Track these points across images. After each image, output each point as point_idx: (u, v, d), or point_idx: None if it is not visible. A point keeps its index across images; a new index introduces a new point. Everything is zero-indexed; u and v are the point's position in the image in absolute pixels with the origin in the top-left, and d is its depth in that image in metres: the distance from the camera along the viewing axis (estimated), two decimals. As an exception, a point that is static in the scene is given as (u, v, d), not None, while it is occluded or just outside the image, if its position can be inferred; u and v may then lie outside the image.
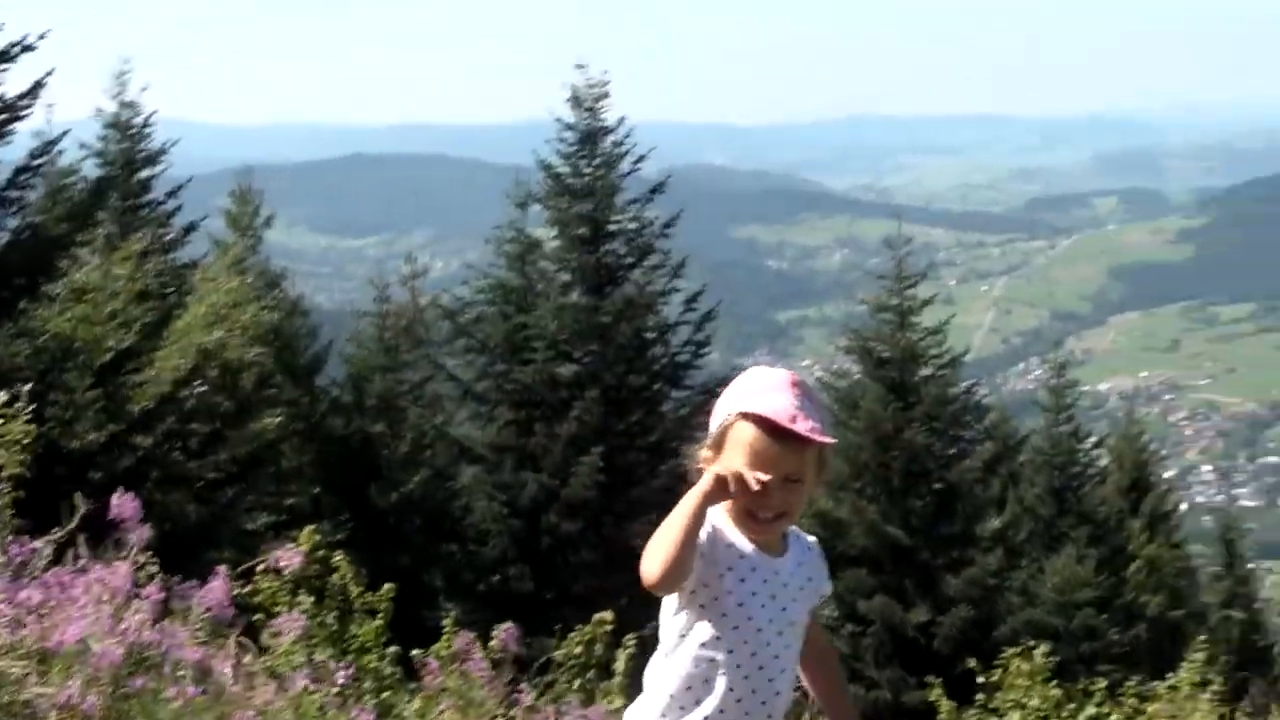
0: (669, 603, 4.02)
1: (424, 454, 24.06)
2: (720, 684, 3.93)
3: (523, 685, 7.09)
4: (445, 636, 8.85)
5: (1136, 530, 32.58)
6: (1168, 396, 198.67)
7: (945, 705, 11.12)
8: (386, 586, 9.29)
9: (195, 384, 19.20)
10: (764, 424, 3.78)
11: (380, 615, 9.09)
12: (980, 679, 11.74)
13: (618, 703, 8.23)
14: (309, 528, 10.09)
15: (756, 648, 3.91)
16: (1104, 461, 34.61)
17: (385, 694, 7.51)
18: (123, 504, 5.19)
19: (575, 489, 21.42)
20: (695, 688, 3.96)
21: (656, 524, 13.04)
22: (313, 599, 8.23)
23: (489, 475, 22.68)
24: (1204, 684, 10.17)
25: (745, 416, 3.83)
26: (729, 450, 3.86)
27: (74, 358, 16.77)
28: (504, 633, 7.10)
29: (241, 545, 17.48)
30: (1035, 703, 10.76)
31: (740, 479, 3.76)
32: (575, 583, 21.88)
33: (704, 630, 3.94)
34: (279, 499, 20.67)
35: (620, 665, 9.39)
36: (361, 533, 21.25)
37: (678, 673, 3.98)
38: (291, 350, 25.46)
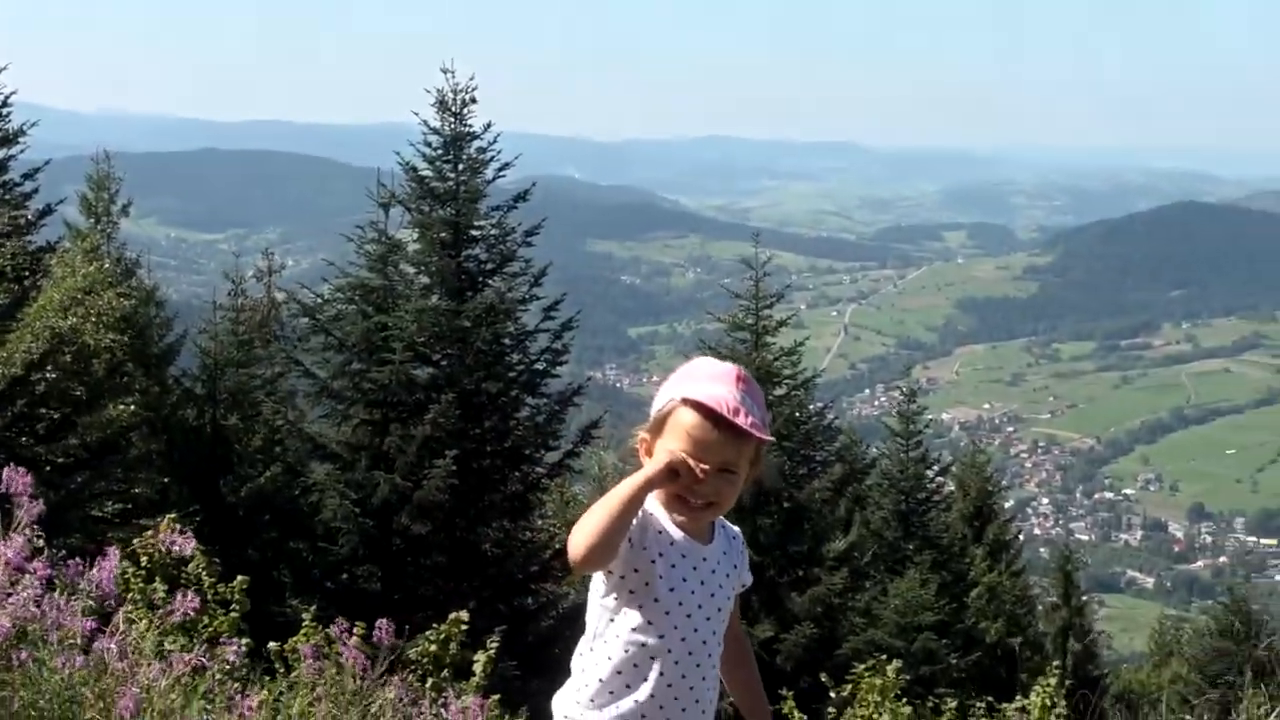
0: (596, 586, 4.06)
1: (276, 449, 23.86)
2: (653, 669, 3.98)
3: (394, 679, 7.09)
4: (304, 631, 8.85)
5: (978, 557, 33.09)
6: (1010, 429, 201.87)
7: (798, 717, 11.23)
8: (240, 578, 9.27)
9: (47, 368, 18.97)
10: (707, 412, 3.84)
11: (236, 607, 9.08)
12: (832, 693, 11.90)
13: (477, 701, 8.26)
14: (168, 516, 10.05)
15: (686, 633, 3.97)
16: (949, 489, 35.11)
17: (266, 680, 7.51)
18: (13, 478, 5.16)
19: (428, 491, 21.34)
20: (626, 673, 4.00)
21: (508, 530, 13.23)
22: (166, 588, 8.19)
23: (342, 473, 22.53)
24: (1051, 706, 10.38)
25: (688, 403, 3.88)
26: (669, 434, 3.91)
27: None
28: (379, 628, 7.10)
29: (89, 532, 17.31)
30: (887, 719, 10.91)
31: (688, 467, 3.83)
32: (424, 585, 21.82)
33: (634, 616, 3.99)
34: (128, 487, 20.44)
35: (479, 666, 9.42)
36: (210, 525, 21.04)
37: (608, 657, 4.02)
38: (144, 339, 25.14)
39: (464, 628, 9.79)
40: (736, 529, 4.24)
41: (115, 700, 5.10)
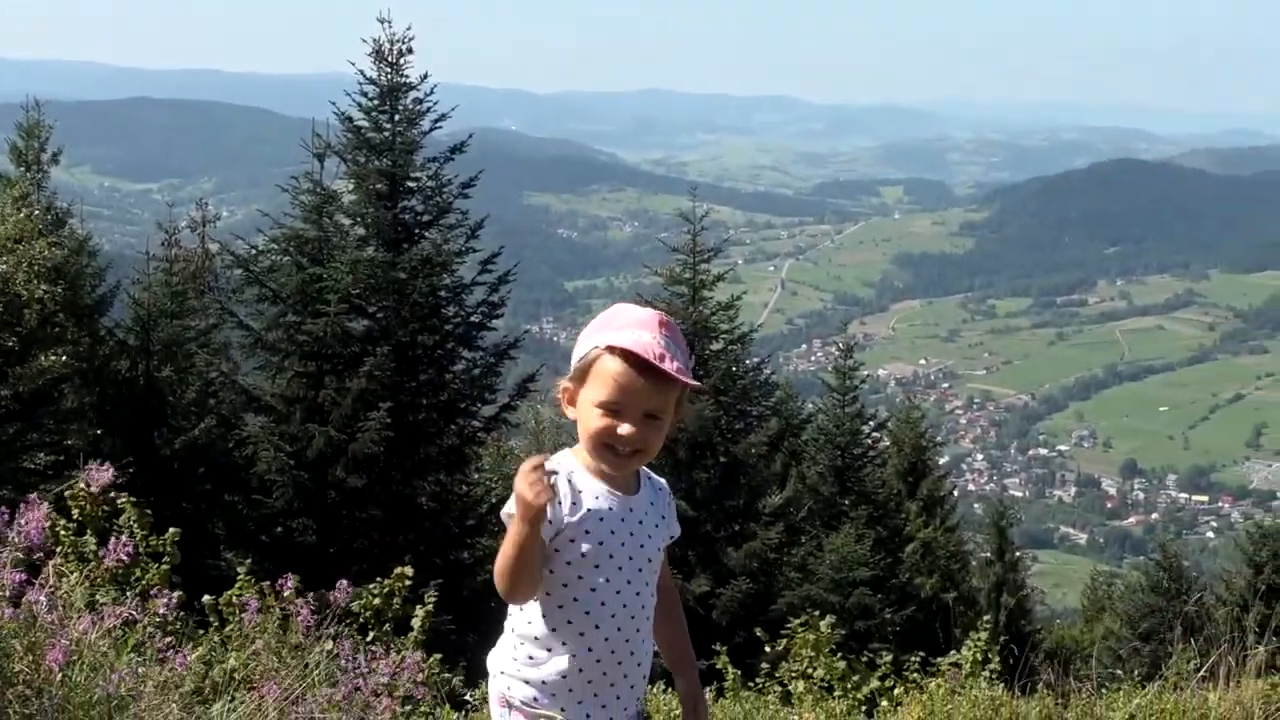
0: None
1: (210, 401, 23.69)
2: (587, 624, 3.95)
3: (335, 632, 7.04)
4: (239, 585, 8.76)
5: (913, 513, 33.28)
6: (945, 385, 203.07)
7: (732, 673, 11.23)
8: (172, 530, 9.17)
9: (-23, 318, 18.77)
10: (631, 359, 3.80)
11: (167, 559, 8.98)
12: (767, 648, 11.91)
13: (419, 656, 8.22)
14: (97, 463, 9.94)
15: (620, 585, 3.95)
16: (884, 444, 35.24)
17: (200, 633, 7.45)
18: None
19: (363, 444, 21.25)
20: (560, 629, 3.96)
21: (444, 483, 13.19)
22: (97, 541, 8.10)
23: (276, 426, 22.40)
24: (984, 661, 10.41)
25: (612, 350, 3.84)
26: (592, 382, 3.88)
27: None
28: (338, 589, 7.05)
29: (20, 484, 17.14)
30: (820, 673, 10.91)
31: (537, 485, 3.68)
32: (360, 538, 21.75)
33: (565, 571, 3.94)
34: (60, 439, 20.25)
35: (418, 621, 9.38)
36: (144, 477, 20.89)
37: (542, 614, 3.98)
38: (76, 290, 24.89)
39: (408, 582, 9.75)
40: (663, 481, 4.21)
41: (45, 652, 5.04)
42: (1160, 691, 9.05)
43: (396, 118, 23.77)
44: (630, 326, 3.87)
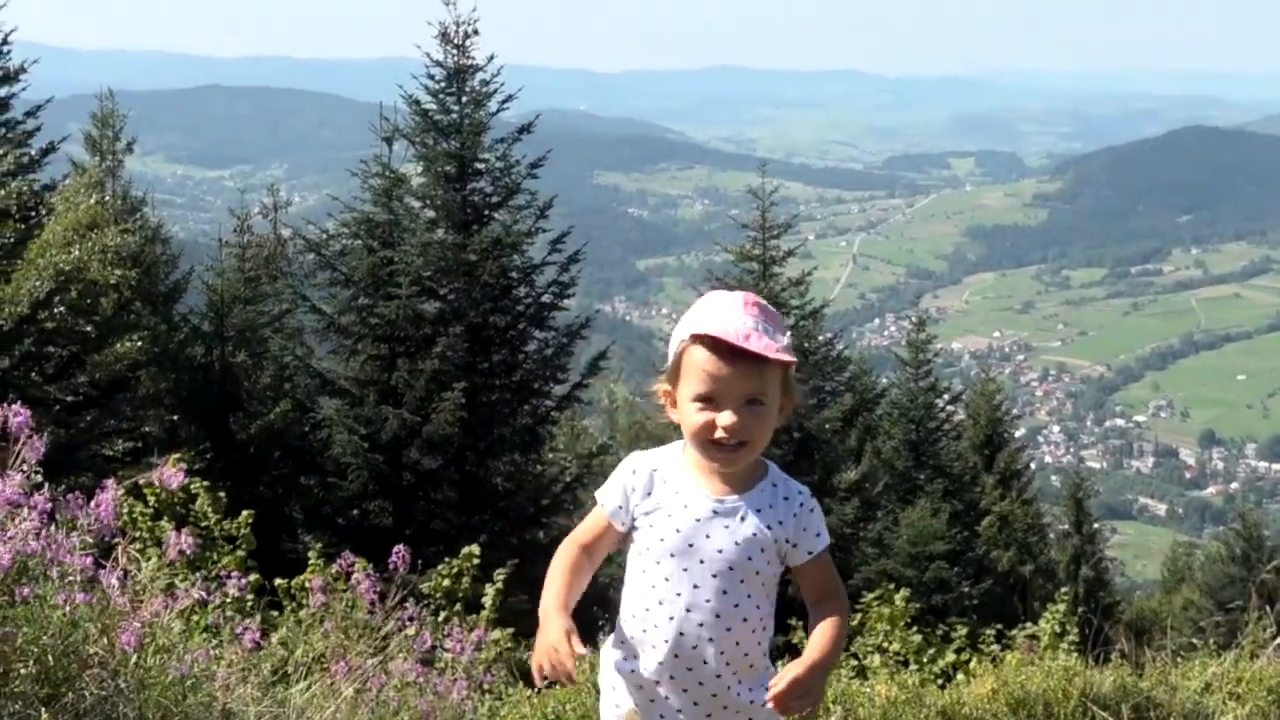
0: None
1: (285, 385, 23.87)
2: (647, 619, 3.87)
3: (409, 609, 7.07)
4: (311, 568, 8.81)
5: (989, 486, 33.07)
6: (1020, 357, 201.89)
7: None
8: (245, 513, 9.24)
9: (54, 306, 18.94)
10: (716, 344, 3.68)
11: (241, 543, 9.05)
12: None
13: (494, 634, 8.27)
14: (174, 454, 10.03)
15: (682, 588, 3.80)
16: (959, 418, 35.06)
17: (274, 615, 7.51)
18: (16, 416, 5.12)
19: (437, 425, 21.34)
20: (630, 626, 3.91)
21: (518, 464, 13.28)
22: (174, 526, 8.15)
23: (351, 409, 22.51)
24: (1062, 634, 10.35)
25: (697, 339, 3.73)
26: (685, 378, 3.77)
27: (-71, 276, 16.39)
28: (395, 554, 7.07)
29: (99, 470, 17.29)
30: (896, 647, 10.89)
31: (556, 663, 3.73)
32: (435, 519, 21.84)
33: (637, 567, 3.90)
34: (137, 425, 20.46)
35: (489, 600, 9.41)
36: (221, 462, 21.09)
37: (626, 607, 3.95)
38: (151, 277, 25.14)
39: (475, 562, 9.78)
40: (805, 492, 3.97)
41: (118, 634, 5.08)
42: (1236, 660, 8.98)
43: (464, 100, 23.83)
44: (715, 312, 3.74)
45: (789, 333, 3.83)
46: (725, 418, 3.70)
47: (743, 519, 3.82)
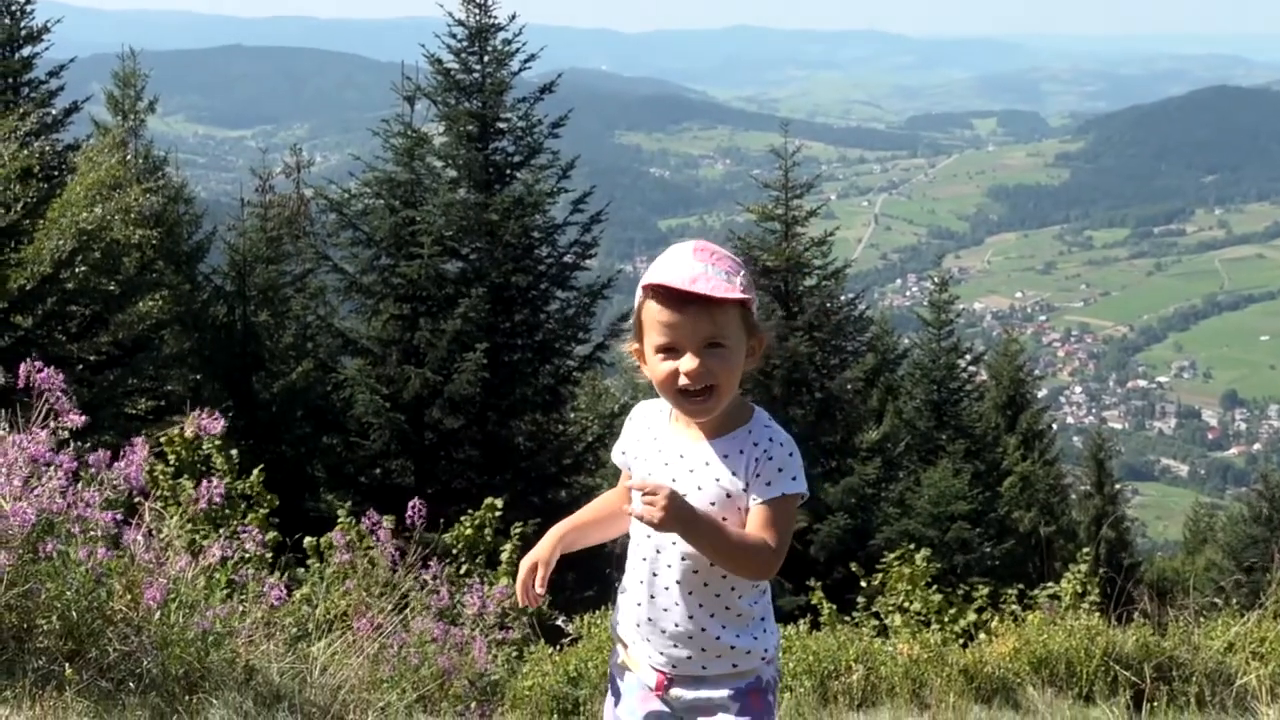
0: None
1: (307, 345, 23.91)
2: (631, 568, 3.91)
3: (431, 564, 7.09)
4: (341, 525, 8.85)
5: (1011, 446, 32.99)
6: (1042, 318, 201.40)
7: (827, 608, 11.22)
8: (256, 472, 9.26)
9: (76, 265, 18.98)
10: (665, 293, 3.66)
11: (259, 501, 9.07)
12: (863, 583, 11.88)
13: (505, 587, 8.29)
14: (193, 413, 10.05)
15: (650, 530, 3.74)
16: (981, 378, 34.97)
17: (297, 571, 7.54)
18: (41, 375, 5.14)
19: (459, 385, 21.36)
20: (627, 574, 3.95)
21: (540, 423, 13.26)
22: (194, 484, 8.18)
23: (373, 368, 22.55)
24: (1083, 594, 10.34)
25: (648, 291, 3.71)
26: (646, 332, 3.75)
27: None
28: (411, 508, 7.07)
29: (121, 429, 17.34)
30: (917, 607, 10.89)
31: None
32: (457, 478, 21.89)
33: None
34: (159, 384, 20.51)
35: (506, 555, 9.44)
36: (243, 421, 21.13)
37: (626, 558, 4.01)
38: (173, 236, 25.18)
39: (498, 514, 9.81)
40: (777, 440, 3.83)
41: (143, 590, 5.10)
42: (1259, 620, 8.97)
43: (485, 59, 23.82)
44: (665, 262, 3.72)
45: (742, 273, 3.73)
46: (686, 362, 3.66)
47: (707, 464, 3.77)
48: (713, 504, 3.73)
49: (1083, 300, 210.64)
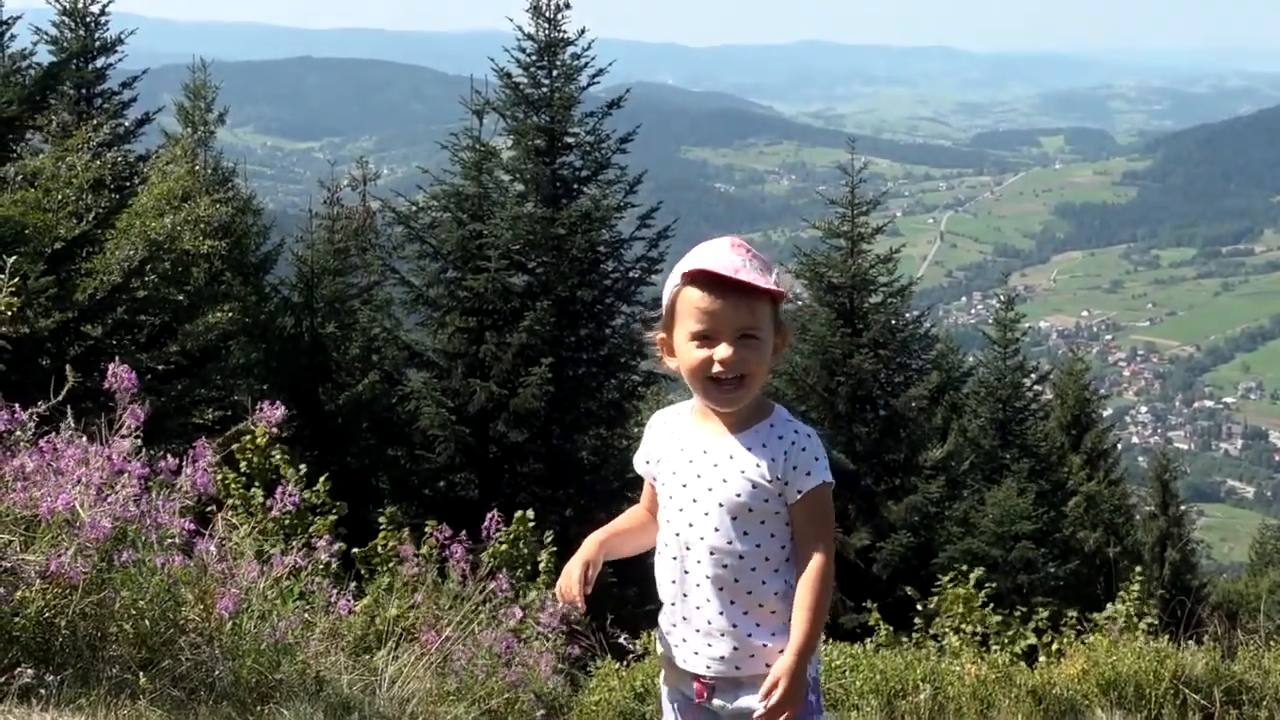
0: None
1: (373, 357, 24.01)
2: (659, 564, 4.02)
3: (500, 578, 7.11)
4: (383, 535, 8.90)
5: (1076, 466, 32.79)
6: (1108, 337, 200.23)
7: (884, 628, 11.20)
8: (323, 480, 9.31)
9: (146, 274, 19.11)
10: (707, 279, 3.76)
11: (334, 510, 9.11)
12: (919, 605, 11.84)
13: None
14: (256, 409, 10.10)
15: (679, 528, 3.92)
16: (1047, 397, 34.76)
17: (363, 581, 7.57)
18: (121, 376, 5.19)
19: (524, 399, 21.42)
20: (659, 574, 4.04)
21: (604, 438, 13.27)
22: (264, 493, 8.24)
23: (438, 381, 22.64)
24: (1140, 615, 10.27)
25: (687, 277, 3.80)
26: (680, 320, 3.85)
27: (25, 244, 16.52)
28: (489, 520, 7.11)
29: (189, 438, 17.43)
30: (972, 628, 10.85)
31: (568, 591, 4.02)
32: (521, 492, 21.92)
33: (661, 517, 4.04)
34: (226, 394, 20.61)
35: (544, 563, 9.45)
36: (309, 432, 21.23)
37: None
38: (242, 247, 25.35)
39: (530, 525, 9.81)
40: (803, 432, 3.95)
41: (215, 600, 5.14)
42: (1331, 644, 8.89)
43: (554, 73, 23.89)
44: (704, 252, 3.82)
45: (776, 269, 3.88)
46: (722, 350, 3.77)
47: (732, 457, 3.88)
48: (738, 495, 3.86)
49: (1149, 320, 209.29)
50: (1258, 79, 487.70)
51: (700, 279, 3.77)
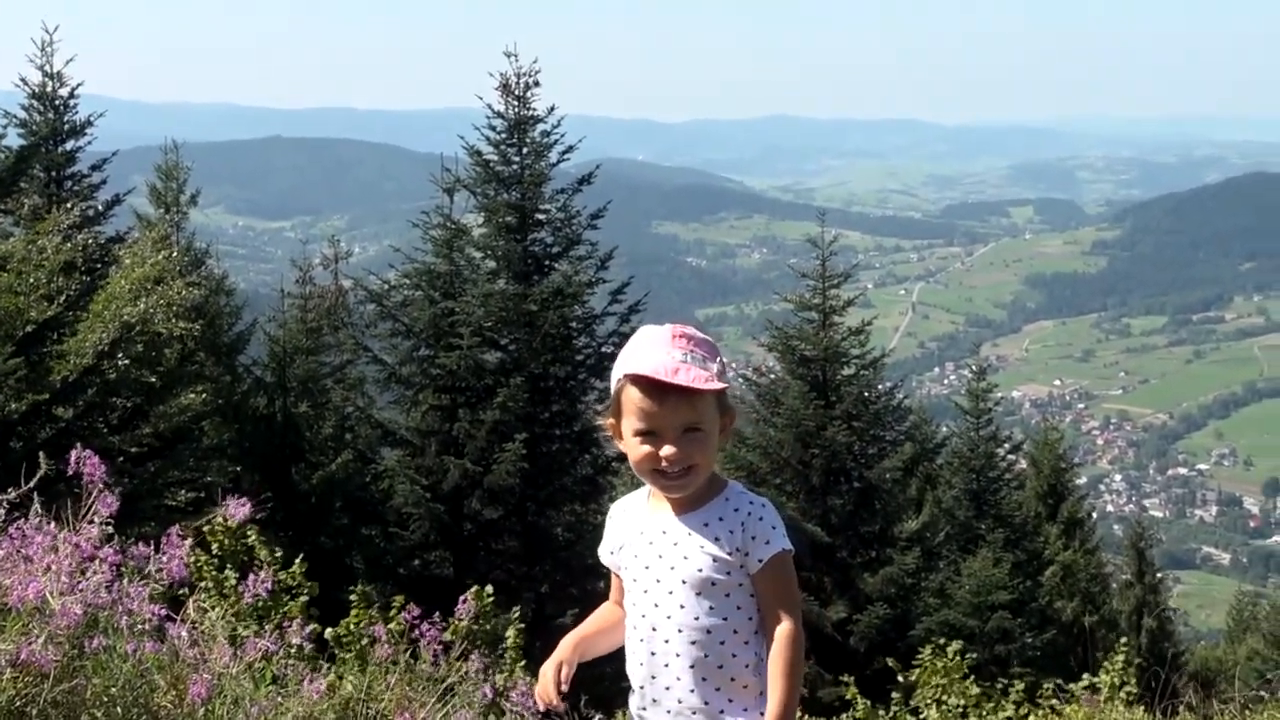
0: None
1: (347, 436, 23.98)
2: (629, 648, 4.02)
3: (473, 657, 7.08)
4: (354, 612, 8.84)
5: (1052, 535, 32.83)
6: (1081, 405, 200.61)
7: (861, 703, 11.17)
8: (298, 562, 9.26)
9: (118, 357, 19.06)
10: (648, 383, 3.77)
11: (307, 591, 9.06)
12: (899, 678, 11.83)
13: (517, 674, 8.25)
14: (225, 501, 10.06)
15: (645, 609, 3.93)
16: (1021, 467, 34.81)
17: (334, 664, 7.52)
18: (90, 464, 5.17)
19: (498, 475, 21.41)
20: (628, 660, 4.04)
21: (579, 513, 13.25)
22: (238, 576, 8.20)
23: (412, 459, 22.65)
24: (1121, 685, 10.27)
25: (629, 378, 3.82)
26: (625, 415, 3.88)
27: (-4, 327, 16.52)
28: (462, 603, 7.09)
29: (162, 520, 17.37)
30: (953, 701, 10.84)
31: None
32: (496, 569, 21.86)
33: (627, 603, 4.05)
34: (200, 476, 20.53)
35: (510, 639, 9.40)
36: (282, 512, 21.16)
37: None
38: (215, 328, 25.30)
39: (490, 600, 9.76)
40: (758, 502, 3.98)
41: (188, 686, 5.11)
42: (1308, 712, 8.90)
43: (524, 150, 23.99)
44: (645, 349, 3.83)
45: (719, 357, 3.90)
46: (666, 449, 3.80)
47: (690, 534, 3.90)
48: (701, 570, 3.88)
49: (1122, 388, 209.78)
50: (1226, 148, 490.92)
51: (641, 382, 3.79)
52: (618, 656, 4.16)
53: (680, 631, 3.88)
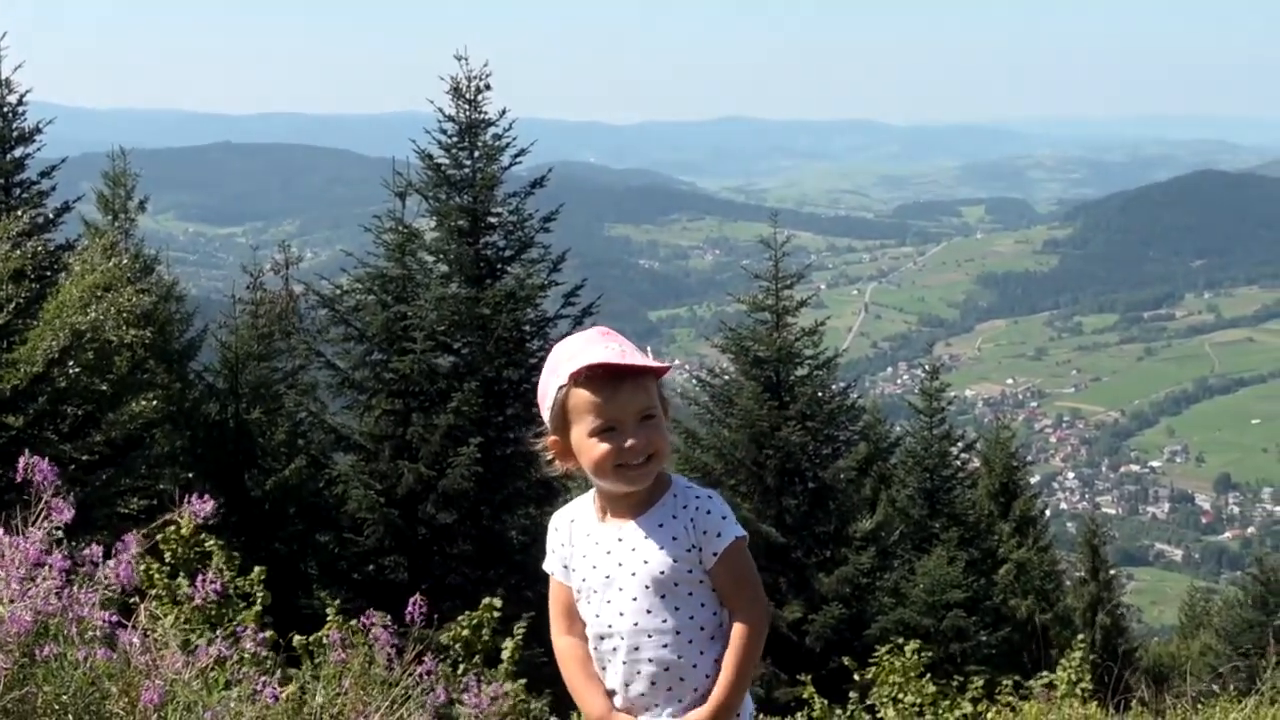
0: None
1: (300, 442, 23.88)
2: (601, 662, 4.02)
3: (426, 662, 7.06)
4: (329, 624, 8.81)
5: (1005, 534, 32.93)
6: (1033, 404, 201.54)
7: (819, 702, 11.20)
8: (257, 569, 9.24)
9: (69, 364, 18.97)
10: (600, 372, 3.77)
11: (260, 600, 9.03)
12: (855, 676, 11.85)
13: (508, 686, 8.25)
14: (185, 503, 10.01)
15: (610, 619, 3.94)
16: (974, 465, 34.92)
17: (291, 670, 7.49)
18: (40, 470, 5.14)
19: (452, 480, 21.36)
20: (602, 670, 4.04)
21: (533, 517, 13.28)
22: (190, 583, 8.15)
23: (366, 464, 22.56)
24: (1077, 682, 10.32)
25: (577, 378, 3.79)
26: (576, 420, 3.84)
27: (-56, 336, 16.42)
28: (412, 604, 7.07)
29: (114, 529, 17.27)
30: (911, 699, 10.87)
31: None
32: (451, 573, 21.83)
33: (585, 614, 4.05)
34: (152, 483, 20.43)
35: (507, 652, 9.40)
36: (235, 518, 21.07)
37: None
38: (165, 335, 25.16)
39: (497, 614, 9.77)
40: (704, 494, 4.00)
41: (140, 693, 5.09)
42: (1256, 706, 8.95)
43: (476, 154, 23.95)
44: (580, 350, 3.83)
45: (648, 347, 3.96)
46: (629, 440, 3.80)
47: (646, 537, 3.90)
48: (662, 572, 3.89)
49: (1074, 386, 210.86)
50: (1175, 146, 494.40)
51: (592, 375, 3.77)
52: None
53: (650, 637, 3.89)
